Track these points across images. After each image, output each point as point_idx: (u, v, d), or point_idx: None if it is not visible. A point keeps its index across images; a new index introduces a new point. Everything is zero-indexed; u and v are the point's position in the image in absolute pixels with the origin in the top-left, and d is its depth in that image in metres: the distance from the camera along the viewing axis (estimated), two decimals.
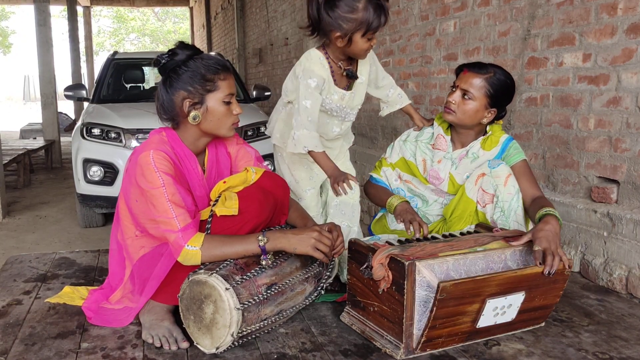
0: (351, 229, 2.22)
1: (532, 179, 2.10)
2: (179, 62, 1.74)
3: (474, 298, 1.62)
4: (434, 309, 1.56)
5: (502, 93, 2.08)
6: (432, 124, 2.26)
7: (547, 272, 1.68)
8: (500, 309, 1.69)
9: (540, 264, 1.68)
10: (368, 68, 2.13)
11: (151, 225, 1.71)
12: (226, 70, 1.78)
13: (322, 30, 1.92)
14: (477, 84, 2.04)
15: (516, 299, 1.70)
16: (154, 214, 1.67)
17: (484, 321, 1.68)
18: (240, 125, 1.90)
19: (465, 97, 2.06)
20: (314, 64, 1.96)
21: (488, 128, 2.17)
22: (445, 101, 2.12)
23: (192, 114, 1.74)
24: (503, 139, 2.15)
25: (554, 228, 1.75)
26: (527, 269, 1.68)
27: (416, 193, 2.27)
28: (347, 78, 2.05)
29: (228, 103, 1.78)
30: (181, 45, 1.77)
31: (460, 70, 2.12)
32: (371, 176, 2.32)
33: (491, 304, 1.65)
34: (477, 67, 2.07)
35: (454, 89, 2.10)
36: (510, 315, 1.72)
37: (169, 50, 1.77)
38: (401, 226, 2.21)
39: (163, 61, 1.75)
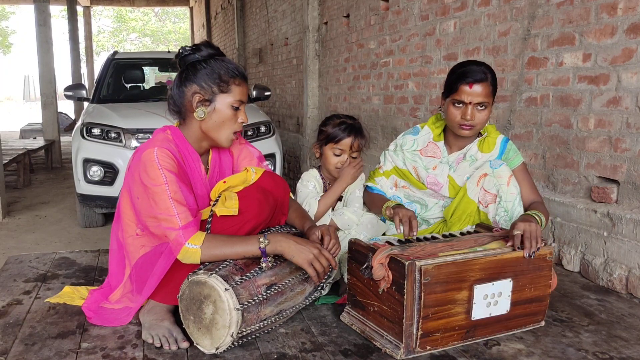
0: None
1: (531, 183, 2.12)
2: (200, 58, 1.77)
3: (461, 283, 1.64)
4: (422, 294, 1.58)
5: (497, 83, 2.08)
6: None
7: (527, 255, 1.72)
8: (491, 297, 1.70)
9: (518, 248, 1.72)
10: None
11: (152, 222, 1.71)
12: (243, 77, 1.81)
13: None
14: (487, 91, 2.02)
15: (504, 286, 1.72)
16: (155, 211, 1.67)
17: (478, 312, 1.69)
18: None
19: (480, 107, 2.03)
20: (310, 176, 2.31)
21: (482, 129, 2.17)
22: (459, 119, 2.05)
23: (199, 109, 1.76)
24: (500, 139, 2.15)
25: (531, 219, 1.79)
26: (507, 253, 1.72)
27: (414, 199, 2.26)
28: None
29: (236, 109, 1.79)
30: (206, 43, 1.81)
31: (456, 85, 2.03)
32: (367, 185, 2.31)
33: (480, 291, 1.68)
34: (476, 75, 2.00)
35: (460, 105, 2.03)
36: (504, 306, 1.74)
37: (193, 45, 1.81)
38: (394, 230, 2.20)
39: (185, 54, 1.79)
